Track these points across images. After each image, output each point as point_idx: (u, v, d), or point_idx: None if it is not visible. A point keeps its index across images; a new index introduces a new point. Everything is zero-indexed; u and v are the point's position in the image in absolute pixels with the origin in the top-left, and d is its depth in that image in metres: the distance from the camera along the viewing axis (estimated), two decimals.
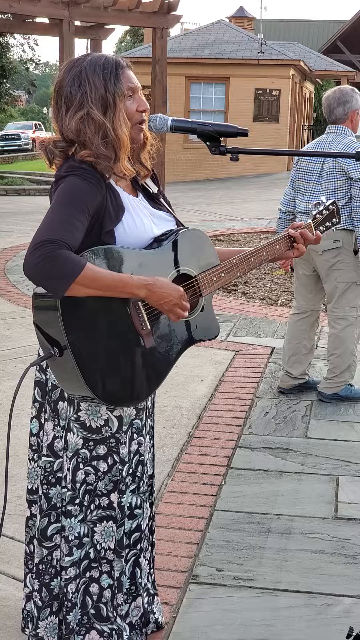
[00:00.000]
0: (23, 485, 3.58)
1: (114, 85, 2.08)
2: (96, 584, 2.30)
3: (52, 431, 2.26)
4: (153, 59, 15.07)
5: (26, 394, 5.10)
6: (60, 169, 2.09)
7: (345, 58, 33.89)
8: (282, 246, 2.40)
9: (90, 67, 2.08)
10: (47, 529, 2.29)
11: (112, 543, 2.28)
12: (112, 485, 2.25)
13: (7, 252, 10.08)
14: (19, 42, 35.71)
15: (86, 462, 2.22)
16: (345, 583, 2.90)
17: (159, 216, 2.23)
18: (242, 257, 2.32)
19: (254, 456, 3.97)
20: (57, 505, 2.27)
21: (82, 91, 2.06)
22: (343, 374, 4.68)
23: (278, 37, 37.15)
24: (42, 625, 2.32)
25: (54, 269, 1.88)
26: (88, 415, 2.20)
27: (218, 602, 2.79)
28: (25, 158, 34.20)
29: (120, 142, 2.07)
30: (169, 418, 4.40)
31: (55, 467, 2.26)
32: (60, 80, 2.11)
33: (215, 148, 2.12)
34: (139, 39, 42.08)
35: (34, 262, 1.88)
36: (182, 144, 23.18)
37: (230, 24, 26.85)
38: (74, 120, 2.07)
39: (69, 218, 1.95)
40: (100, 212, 2.04)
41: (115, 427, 2.22)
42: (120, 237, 2.08)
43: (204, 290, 2.25)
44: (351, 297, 4.65)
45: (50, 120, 2.40)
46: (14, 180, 22.21)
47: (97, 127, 2.05)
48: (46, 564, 2.30)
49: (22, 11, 13.55)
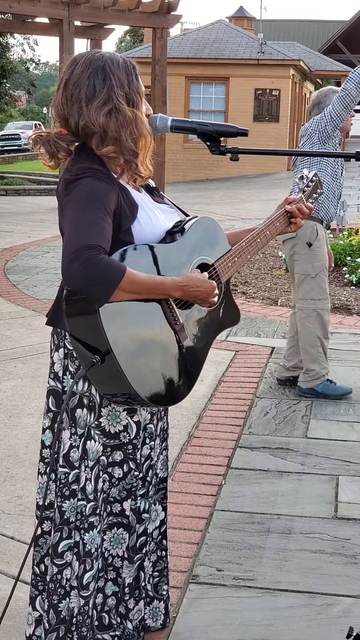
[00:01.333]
0: (23, 485, 3.59)
1: (136, 84, 2.07)
2: (100, 593, 2.27)
3: (69, 440, 2.19)
4: (153, 59, 15.06)
5: (26, 394, 5.09)
6: (69, 171, 2.03)
7: (345, 58, 33.88)
8: (282, 223, 2.45)
9: (113, 62, 2.05)
10: (58, 545, 2.21)
11: (122, 550, 2.25)
12: (125, 493, 2.23)
13: (7, 252, 10.08)
14: (19, 42, 35.71)
15: (104, 470, 2.19)
16: (345, 583, 2.90)
17: (163, 209, 2.23)
18: (250, 239, 2.35)
19: (254, 456, 3.97)
20: (70, 520, 2.20)
21: (108, 85, 2.01)
22: (312, 366, 4.70)
23: (278, 37, 37.14)
24: None
25: (97, 276, 1.84)
26: (108, 421, 2.17)
27: (218, 602, 2.79)
28: (25, 158, 34.19)
29: (145, 139, 2.05)
30: (169, 418, 4.38)
31: (70, 479, 2.19)
32: (78, 73, 2.03)
33: (215, 148, 2.13)
34: (139, 39, 42.07)
35: (78, 271, 1.84)
36: (182, 144, 23.18)
37: (230, 24, 26.84)
38: (100, 114, 2.01)
39: (97, 220, 1.92)
40: (117, 211, 2.02)
41: (133, 433, 2.20)
42: (137, 234, 2.07)
43: (222, 277, 2.27)
44: (306, 289, 4.68)
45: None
46: (14, 180, 22.21)
47: (127, 122, 2.02)
48: (55, 583, 2.23)
49: (22, 11, 13.55)
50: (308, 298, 4.69)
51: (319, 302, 4.69)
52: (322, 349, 4.73)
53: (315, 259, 4.64)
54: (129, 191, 2.10)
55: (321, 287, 4.68)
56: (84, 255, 1.84)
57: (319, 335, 4.70)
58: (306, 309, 4.70)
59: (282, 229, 2.45)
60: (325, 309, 4.71)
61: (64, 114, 2.07)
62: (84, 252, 1.84)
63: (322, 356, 4.72)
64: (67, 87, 2.05)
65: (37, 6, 13.42)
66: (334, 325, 6.50)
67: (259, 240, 2.36)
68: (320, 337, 4.70)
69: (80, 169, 2.01)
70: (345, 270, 8.34)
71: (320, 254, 4.65)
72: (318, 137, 4.60)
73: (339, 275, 8.43)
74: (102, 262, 1.85)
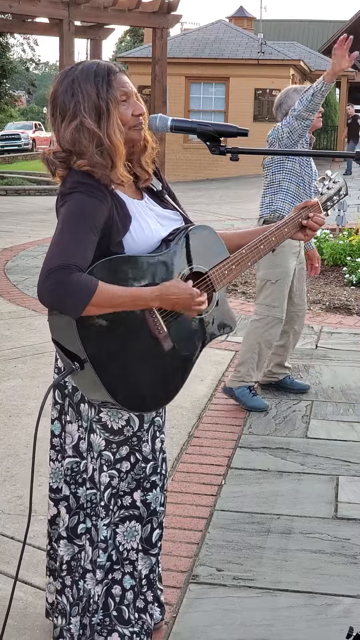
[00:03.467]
0: (23, 485, 3.59)
1: (106, 92, 2.06)
2: (118, 585, 2.30)
3: (77, 432, 2.27)
4: (153, 59, 15.07)
5: (26, 394, 5.08)
6: (64, 184, 2.08)
7: None
8: (291, 229, 2.40)
9: (82, 75, 2.07)
10: (77, 527, 2.31)
11: (136, 543, 2.29)
12: (134, 484, 2.26)
13: (7, 252, 10.08)
14: (19, 42, 35.71)
15: (110, 466, 2.23)
16: (345, 583, 2.90)
17: (164, 216, 2.23)
18: (252, 246, 2.32)
19: (254, 456, 3.97)
20: (84, 505, 2.29)
21: (75, 100, 2.05)
22: (239, 367, 4.60)
23: (278, 37, 37.14)
24: (74, 621, 2.34)
25: (67, 295, 1.89)
26: (109, 417, 2.21)
27: (218, 602, 2.79)
28: (25, 158, 34.18)
29: (115, 149, 2.05)
30: (169, 418, 4.39)
31: (81, 468, 2.29)
32: (55, 91, 2.10)
33: (215, 148, 2.12)
34: (139, 39, 42.05)
35: (48, 290, 1.90)
36: (182, 144, 23.17)
37: (230, 24, 26.83)
38: (68, 130, 2.06)
39: (78, 239, 1.95)
40: (108, 224, 2.04)
41: (136, 425, 2.24)
42: (129, 245, 2.09)
43: (216, 285, 2.26)
44: (265, 294, 4.59)
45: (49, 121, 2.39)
46: (14, 180, 22.20)
47: (91, 136, 2.04)
48: (77, 561, 2.33)
49: (22, 11, 13.56)
50: (264, 304, 4.57)
51: (273, 310, 4.55)
52: (257, 356, 4.58)
53: (277, 265, 4.49)
54: (124, 202, 2.11)
55: (279, 295, 4.54)
56: (55, 275, 1.90)
57: (260, 341, 4.56)
58: (259, 313, 4.59)
59: (291, 235, 2.41)
60: (277, 319, 4.56)
61: (53, 131, 2.14)
62: (55, 272, 1.90)
63: (254, 364, 4.58)
64: (49, 105, 2.13)
65: (37, 6, 13.43)
66: (334, 325, 6.51)
67: (262, 247, 2.34)
68: (260, 344, 4.56)
69: (72, 184, 2.05)
70: (345, 270, 8.34)
71: (282, 260, 4.48)
72: (278, 146, 4.47)
73: (339, 275, 8.43)
74: (72, 281, 1.89)
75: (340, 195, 2.59)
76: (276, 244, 2.38)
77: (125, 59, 24.49)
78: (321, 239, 9.14)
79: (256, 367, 4.61)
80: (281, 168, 4.54)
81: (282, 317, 4.58)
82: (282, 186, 4.54)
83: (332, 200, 2.56)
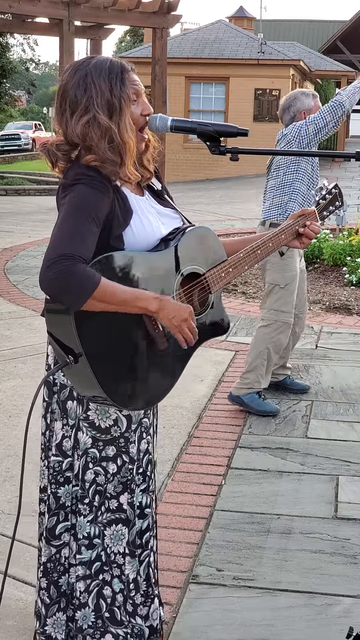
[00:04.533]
0: (24, 485, 3.59)
1: (119, 90, 2.06)
2: (109, 587, 2.30)
3: (61, 431, 2.26)
4: (153, 59, 15.07)
5: (26, 394, 5.08)
6: (66, 176, 2.07)
7: (345, 58, 33.88)
8: (288, 236, 2.42)
9: (96, 70, 2.06)
10: (55, 528, 2.30)
11: (122, 547, 2.27)
12: (121, 487, 2.25)
13: (7, 252, 10.08)
14: (19, 42, 35.73)
15: (95, 462, 2.23)
16: (345, 583, 2.90)
17: (165, 214, 2.24)
18: (249, 251, 2.34)
19: (254, 456, 3.97)
20: (65, 504, 2.28)
21: (87, 95, 2.05)
22: (248, 374, 4.55)
23: (278, 37, 37.12)
24: (50, 622, 2.33)
25: (70, 285, 1.88)
26: (97, 415, 2.20)
27: (218, 602, 2.79)
28: (25, 158, 34.17)
29: (127, 146, 2.06)
30: (169, 418, 4.40)
31: (64, 467, 2.27)
32: (65, 84, 2.09)
33: (215, 148, 2.12)
34: (139, 39, 42.06)
35: (51, 278, 1.89)
36: (182, 144, 23.17)
37: (230, 24, 26.83)
38: (79, 124, 2.05)
39: (82, 230, 1.95)
40: (110, 217, 2.04)
41: (124, 426, 2.22)
42: (129, 240, 2.08)
43: (213, 287, 2.26)
44: (273, 299, 4.54)
45: (50, 121, 2.39)
46: (14, 180, 22.20)
47: (104, 132, 2.04)
48: (54, 562, 2.31)
49: (22, 11, 13.56)
50: (272, 309, 4.54)
51: (282, 315, 4.51)
52: (267, 362, 4.53)
53: (286, 269, 4.48)
54: (126, 196, 2.11)
55: (288, 300, 4.51)
56: (60, 264, 1.88)
57: (269, 347, 4.51)
58: (268, 318, 4.54)
59: (288, 242, 2.43)
60: (286, 324, 4.52)
61: (59, 123, 2.12)
62: (60, 261, 1.88)
63: (263, 369, 4.52)
64: (58, 97, 2.11)
65: (37, 6, 13.43)
66: (334, 325, 6.51)
67: (259, 252, 2.35)
68: (269, 350, 4.52)
69: (76, 175, 2.04)
70: (345, 270, 8.34)
71: (291, 265, 4.49)
72: (298, 144, 4.47)
73: (339, 275, 8.43)
74: (76, 272, 1.88)
75: (336, 206, 2.61)
76: (273, 250, 2.40)
77: (125, 59, 24.09)
78: (321, 239, 9.14)
79: (265, 373, 4.55)
80: (296, 168, 4.50)
81: (291, 321, 4.55)
82: (295, 187, 4.51)
83: (328, 210, 2.58)
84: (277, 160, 4.59)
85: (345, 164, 25.06)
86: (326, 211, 2.57)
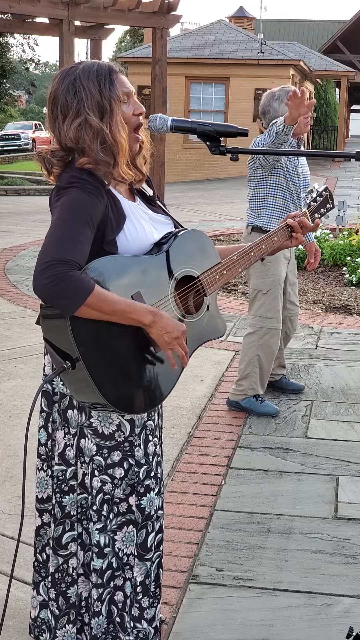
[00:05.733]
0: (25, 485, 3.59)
1: (109, 91, 2.07)
2: (120, 591, 2.29)
3: (63, 440, 2.25)
4: (153, 59, 15.06)
5: (26, 394, 5.08)
6: (60, 180, 2.08)
7: (345, 58, 33.89)
8: (281, 237, 2.44)
9: (84, 74, 2.08)
10: (62, 537, 2.28)
11: (132, 548, 2.28)
12: (129, 489, 2.25)
13: (7, 252, 10.08)
14: (19, 42, 35.65)
15: (101, 471, 2.21)
16: (345, 583, 2.90)
17: (157, 220, 2.24)
18: (243, 253, 2.35)
19: (254, 456, 3.97)
20: (71, 513, 2.27)
21: (77, 98, 2.06)
22: (241, 381, 4.52)
23: (278, 37, 37.14)
24: (60, 634, 2.32)
25: (64, 291, 1.88)
26: (100, 422, 2.19)
27: (218, 602, 2.79)
28: (25, 158, 34.16)
29: (119, 146, 2.06)
30: (169, 418, 4.40)
31: (67, 475, 2.26)
32: (55, 90, 2.10)
33: (215, 148, 2.13)
34: (139, 39, 42.04)
35: (45, 283, 1.88)
36: (182, 144, 23.17)
37: (230, 24, 26.82)
38: (72, 128, 2.06)
39: (75, 234, 1.95)
40: (103, 222, 2.04)
41: (127, 430, 2.21)
42: (122, 245, 2.08)
43: (207, 290, 2.26)
44: (257, 305, 4.49)
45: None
46: (14, 180, 22.20)
47: (95, 133, 2.05)
48: (62, 572, 2.30)
49: (22, 11, 13.55)
50: (258, 315, 4.48)
51: (267, 321, 4.45)
52: (259, 369, 4.48)
53: (268, 275, 4.41)
54: (119, 200, 2.12)
55: (272, 305, 4.45)
56: (54, 268, 1.88)
57: (259, 353, 4.46)
58: (254, 325, 4.50)
59: (281, 243, 2.44)
60: (273, 330, 4.46)
61: (52, 129, 2.14)
62: (55, 266, 1.88)
63: (257, 376, 4.48)
64: (49, 104, 2.13)
65: (37, 6, 13.42)
66: (334, 325, 6.51)
67: (252, 254, 2.37)
68: (259, 356, 4.47)
69: (70, 178, 2.05)
70: (345, 270, 8.34)
71: (273, 270, 4.41)
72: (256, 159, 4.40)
73: (339, 275, 8.43)
74: (71, 278, 1.88)
75: (327, 208, 2.61)
76: (266, 252, 2.41)
77: (125, 59, 24.48)
78: (321, 239, 9.14)
79: (259, 380, 4.50)
80: (265, 184, 4.45)
81: (278, 326, 4.48)
82: (267, 201, 4.46)
83: (319, 212, 2.59)
84: (249, 171, 4.52)
85: (345, 164, 25.06)
86: (317, 213, 2.57)
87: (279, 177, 4.43)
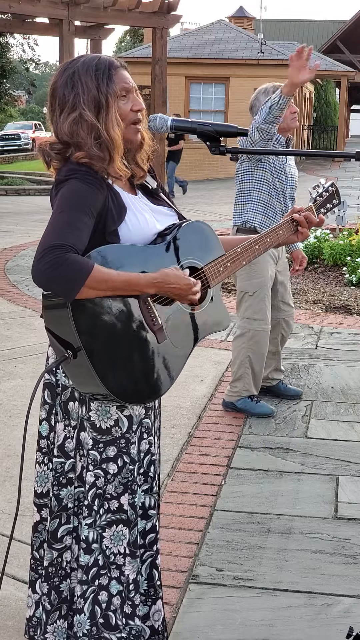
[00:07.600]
0: (24, 485, 3.59)
1: (106, 86, 2.07)
2: (105, 591, 2.27)
3: (63, 432, 2.25)
4: (153, 59, 15.08)
5: (26, 394, 5.07)
6: (60, 173, 2.09)
7: (345, 58, 33.92)
8: (286, 231, 2.42)
9: (83, 68, 2.08)
10: (57, 531, 2.28)
11: (122, 547, 2.26)
12: (122, 488, 2.23)
13: (7, 252, 10.08)
14: (19, 42, 35.64)
15: (96, 465, 2.21)
16: (345, 583, 2.90)
17: (160, 212, 2.23)
18: (247, 245, 2.33)
19: (254, 456, 3.97)
20: (67, 506, 2.27)
21: (74, 93, 2.06)
22: (235, 383, 4.50)
23: (278, 37, 37.15)
24: (51, 629, 2.31)
25: (62, 275, 1.88)
26: (98, 416, 2.19)
27: (218, 602, 2.79)
28: (25, 158, 34.18)
29: (113, 142, 2.06)
30: (169, 418, 4.40)
31: (66, 468, 2.26)
32: (54, 83, 2.11)
33: (215, 148, 2.13)
34: (139, 39, 42.05)
35: (42, 269, 1.89)
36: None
37: (230, 24, 26.83)
38: (67, 122, 2.07)
39: (74, 221, 1.95)
40: (103, 213, 2.04)
41: (125, 427, 2.21)
42: (124, 236, 2.08)
43: (211, 281, 2.25)
44: (244, 307, 4.46)
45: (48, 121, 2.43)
46: (14, 180, 22.20)
47: (90, 129, 2.05)
48: (56, 566, 2.30)
49: (22, 11, 13.56)
50: (245, 317, 4.43)
51: (254, 323, 4.41)
52: (251, 370, 4.45)
53: (254, 276, 4.36)
54: (119, 193, 2.12)
55: (259, 307, 4.40)
56: (51, 254, 1.88)
57: (249, 355, 4.43)
58: (242, 327, 4.47)
59: (286, 237, 2.42)
60: (261, 331, 4.41)
61: (51, 122, 2.14)
62: (51, 251, 1.89)
63: (249, 377, 4.45)
64: (49, 97, 2.13)
65: (37, 6, 13.43)
66: (334, 325, 6.51)
67: (257, 247, 2.35)
68: (250, 358, 4.43)
69: (69, 171, 2.05)
70: (345, 270, 8.34)
71: (259, 271, 4.36)
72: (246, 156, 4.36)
73: (339, 275, 8.43)
74: (68, 261, 1.88)
75: (333, 204, 2.59)
76: (271, 246, 2.39)
77: (125, 59, 24.01)
78: (321, 239, 9.14)
79: (252, 380, 4.49)
80: (250, 177, 4.40)
81: (266, 328, 4.44)
82: (253, 196, 4.40)
83: (325, 207, 2.57)
84: (236, 167, 4.49)
85: (345, 164, 25.07)
86: (323, 208, 2.56)
87: (265, 172, 4.38)
